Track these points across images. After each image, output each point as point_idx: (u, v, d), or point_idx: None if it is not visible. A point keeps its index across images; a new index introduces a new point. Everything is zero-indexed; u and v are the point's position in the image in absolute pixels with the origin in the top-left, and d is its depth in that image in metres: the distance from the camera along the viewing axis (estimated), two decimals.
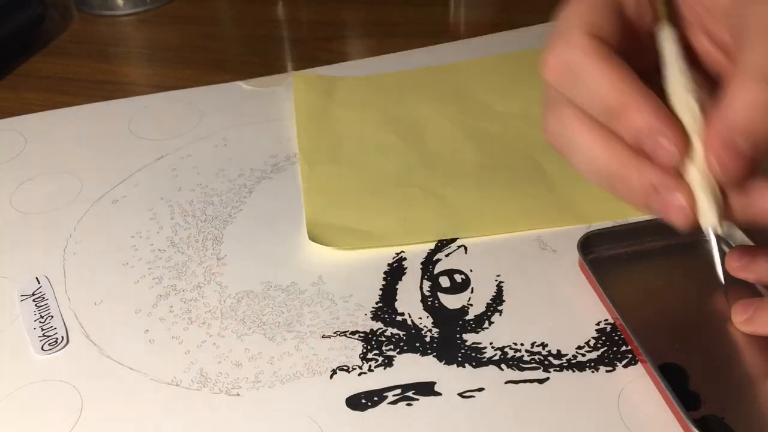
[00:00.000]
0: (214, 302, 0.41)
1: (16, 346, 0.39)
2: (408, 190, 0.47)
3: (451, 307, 0.39)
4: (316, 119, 0.54)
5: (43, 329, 0.39)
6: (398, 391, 0.35)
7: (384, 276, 0.41)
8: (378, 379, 0.36)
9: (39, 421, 0.35)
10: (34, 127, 0.57)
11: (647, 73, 0.31)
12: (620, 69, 0.29)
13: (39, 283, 0.42)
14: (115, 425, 0.35)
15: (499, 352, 0.37)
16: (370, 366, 0.37)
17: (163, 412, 0.35)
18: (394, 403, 0.35)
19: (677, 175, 0.29)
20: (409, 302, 0.40)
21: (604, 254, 0.41)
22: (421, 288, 0.41)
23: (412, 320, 0.39)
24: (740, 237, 0.40)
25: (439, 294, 0.40)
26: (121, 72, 0.66)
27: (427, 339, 0.38)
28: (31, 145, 0.55)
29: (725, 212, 0.29)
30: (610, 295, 0.37)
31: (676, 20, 0.32)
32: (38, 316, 0.40)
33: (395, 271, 0.42)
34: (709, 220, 0.28)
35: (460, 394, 0.35)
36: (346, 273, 0.42)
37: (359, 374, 0.36)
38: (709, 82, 0.31)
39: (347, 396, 0.35)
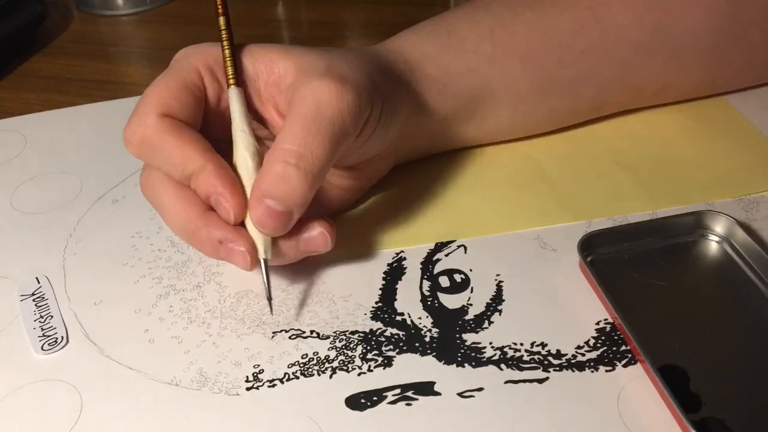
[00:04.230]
0: (213, 302, 0.41)
1: (15, 345, 0.39)
2: (407, 189, 0.47)
3: (450, 307, 0.39)
4: None
5: (42, 329, 0.39)
6: (398, 391, 0.35)
7: (384, 276, 0.41)
8: (377, 379, 0.36)
9: (39, 420, 0.35)
10: (34, 127, 0.57)
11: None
12: (189, 139, 0.36)
13: (39, 282, 0.42)
14: (114, 425, 0.35)
15: (498, 352, 0.37)
16: (369, 366, 0.37)
17: (163, 411, 0.35)
18: (393, 403, 0.35)
19: (240, 226, 0.36)
20: (409, 302, 0.40)
21: (604, 255, 0.41)
22: (420, 288, 0.41)
23: (411, 320, 0.39)
24: (746, 242, 0.40)
25: (439, 294, 0.40)
26: (121, 72, 0.66)
27: (427, 339, 0.38)
28: (31, 144, 0.55)
29: (280, 253, 0.38)
30: (611, 296, 0.37)
31: (249, 93, 0.39)
32: (38, 315, 0.40)
33: (395, 271, 0.42)
34: (260, 255, 0.37)
35: (460, 394, 0.35)
36: (346, 273, 0.42)
37: (359, 374, 0.36)
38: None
39: (347, 396, 0.35)
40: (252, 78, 0.39)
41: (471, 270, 0.41)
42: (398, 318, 0.39)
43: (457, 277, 0.41)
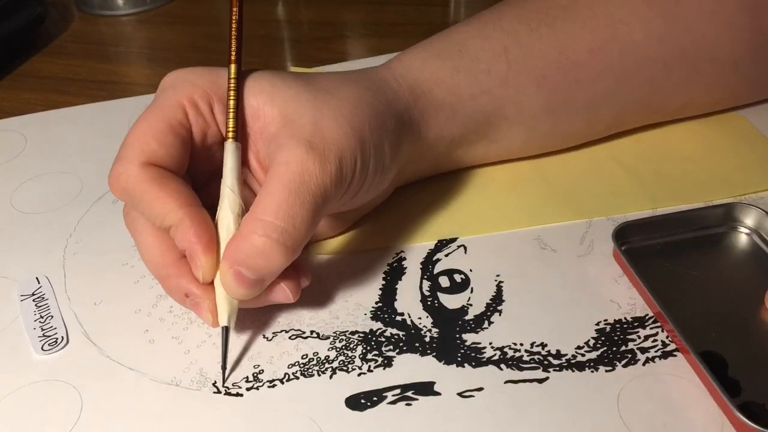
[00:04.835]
0: None
1: (15, 345, 0.39)
2: (407, 189, 0.47)
3: (450, 307, 0.39)
4: None
5: (43, 329, 0.39)
6: (398, 391, 0.35)
7: (384, 276, 0.41)
8: (377, 379, 0.36)
9: (39, 421, 0.35)
10: (34, 127, 0.57)
11: (219, 173, 0.38)
12: (171, 191, 0.35)
13: (39, 282, 0.42)
14: (114, 425, 0.35)
15: (498, 352, 0.37)
16: (369, 366, 0.37)
17: (163, 412, 0.35)
18: (393, 403, 0.35)
19: (209, 284, 0.36)
20: (409, 302, 0.40)
21: (637, 245, 0.41)
22: (420, 288, 0.41)
23: (411, 320, 0.39)
24: None
25: (439, 294, 0.40)
26: (121, 72, 0.66)
27: (427, 339, 0.38)
28: (31, 145, 0.55)
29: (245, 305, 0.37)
30: (648, 283, 0.38)
31: (242, 134, 0.38)
32: (38, 315, 0.40)
33: (395, 271, 0.42)
34: (222, 322, 0.36)
35: (460, 394, 0.35)
36: (346, 272, 0.42)
37: (359, 374, 0.36)
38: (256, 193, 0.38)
39: (347, 396, 0.35)
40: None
41: (471, 270, 0.42)
42: (398, 318, 0.39)
43: (457, 277, 0.41)
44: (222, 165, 0.37)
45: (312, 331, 0.38)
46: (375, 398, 0.35)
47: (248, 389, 0.36)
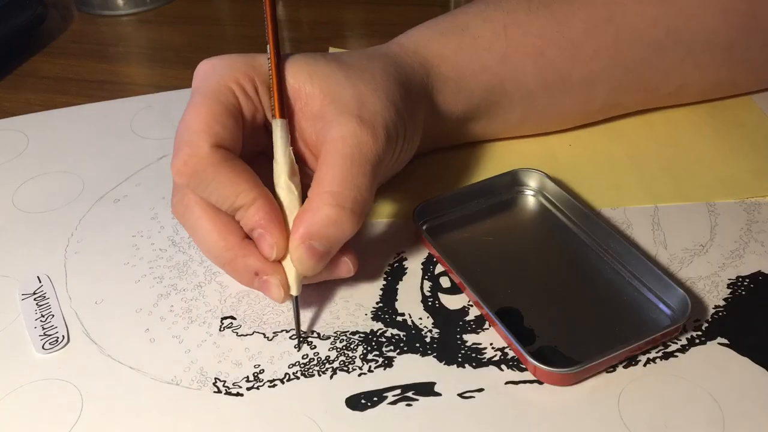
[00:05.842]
0: (214, 301, 0.41)
1: (16, 344, 0.39)
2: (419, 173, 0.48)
3: (451, 308, 0.40)
4: None
5: (44, 328, 0.39)
6: (398, 391, 0.35)
7: (384, 276, 0.41)
8: (378, 379, 0.36)
9: (39, 419, 0.35)
10: (36, 127, 0.57)
11: (262, 154, 0.40)
12: (240, 172, 0.36)
13: (40, 282, 0.42)
14: (115, 424, 0.35)
15: (499, 353, 0.37)
16: (370, 367, 0.37)
17: (163, 411, 0.35)
18: (393, 403, 0.35)
19: (275, 260, 0.37)
20: (410, 302, 0.40)
21: (438, 221, 0.44)
22: (421, 288, 0.41)
23: (412, 321, 0.39)
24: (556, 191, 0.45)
25: (440, 294, 0.40)
26: (121, 72, 0.66)
27: (427, 339, 0.38)
28: (33, 144, 0.55)
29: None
30: (447, 256, 0.41)
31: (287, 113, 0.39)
32: (39, 314, 0.40)
33: (396, 272, 0.42)
34: (293, 291, 0.37)
35: (460, 395, 0.35)
36: None
37: (359, 375, 0.36)
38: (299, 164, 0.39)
39: (347, 396, 0.35)
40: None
41: None
42: (399, 318, 0.39)
43: None
44: (269, 145, 0.38)
45: (313, 331, 0.39)
46: (375, 398, 0.35)
47: (248, 389, 0.36)
